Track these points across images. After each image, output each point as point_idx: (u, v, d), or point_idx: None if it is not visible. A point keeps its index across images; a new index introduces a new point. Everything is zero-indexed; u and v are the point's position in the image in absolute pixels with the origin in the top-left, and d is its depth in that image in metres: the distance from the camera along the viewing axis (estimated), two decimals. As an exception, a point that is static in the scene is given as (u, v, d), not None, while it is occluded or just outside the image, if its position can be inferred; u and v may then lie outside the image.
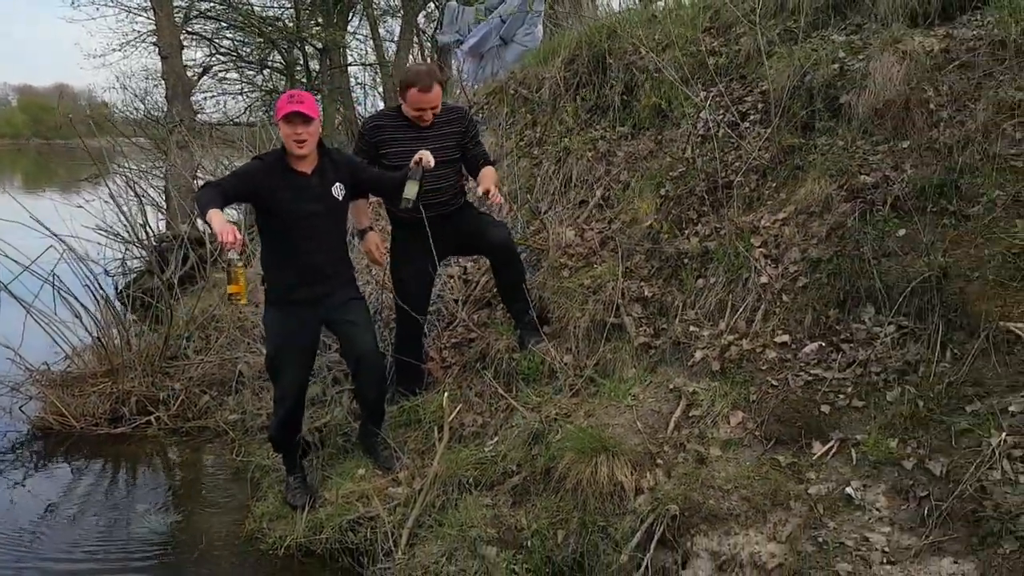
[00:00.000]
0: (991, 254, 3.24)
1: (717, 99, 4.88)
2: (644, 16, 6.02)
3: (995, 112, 3.63)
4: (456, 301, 5.17)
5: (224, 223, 3.41)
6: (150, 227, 8.11)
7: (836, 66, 4.33)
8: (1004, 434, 2.81)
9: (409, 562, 3.37)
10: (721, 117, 4.76)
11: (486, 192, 4.02)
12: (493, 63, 9.08)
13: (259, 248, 4.08)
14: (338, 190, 3.87)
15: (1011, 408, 2.89)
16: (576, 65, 6.07)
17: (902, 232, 3.54)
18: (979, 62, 3.92)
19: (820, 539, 2.80)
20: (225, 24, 15.21)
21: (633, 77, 5.50)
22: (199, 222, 8.69)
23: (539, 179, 5.76)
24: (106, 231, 7.90)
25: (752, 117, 4.69)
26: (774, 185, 4.25)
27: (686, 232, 4.40)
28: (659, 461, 3.29)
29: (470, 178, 4.51)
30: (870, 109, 4.06)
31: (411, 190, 3.83)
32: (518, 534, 3.27)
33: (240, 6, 14.47)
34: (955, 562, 2.61)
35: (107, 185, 7.62)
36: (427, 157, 3.86)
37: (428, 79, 4.02)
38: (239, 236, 3.41)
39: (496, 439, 3.92)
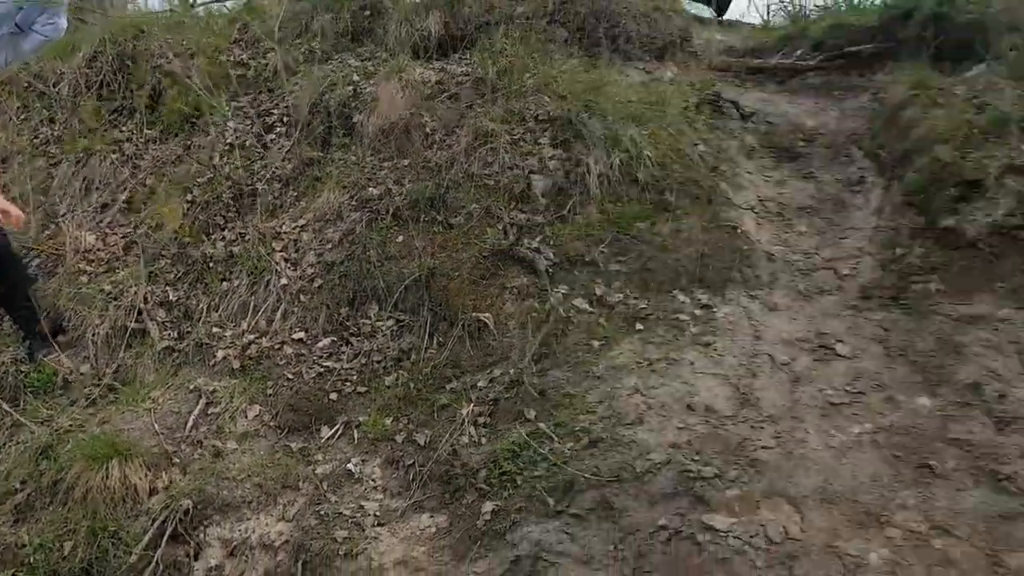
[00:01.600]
0: (468, 256, 3.88)
1: (244, 110, 5.03)
2: (172, 20, 5.93)
3: (474, 138, 4.32)
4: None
5: None
6: None
7: (351, 88, 4.76)
8: (472, 405, 3.41)
9: None
10: (248, 127, 4.92)
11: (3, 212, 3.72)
12: (7, 52, 8.15)
13: None
14: None
15: (479, 384, 3.51)
16: (100, 63, 5.76)
17: (400, 238, 4.05)
18: (464, 94, 4.62)
19: (322, 512, 3.12)
20: None
21: (160, 81, 5.41)
22: None
23: (57, 180, 5.36)
24: None
25: (278, 129, 4.93)
26: (295, 194, 4.54)
27: (213, 237, 4.48)
28: (176, 460, 3.36)
29: None
30: (378, 129, 4.55)
31: None
32: (19, 552, 3.10)
33: None
34: (431, 516, 3.11)
35: None
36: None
37: None
38: None
39: (-3, 458, 3.63)
